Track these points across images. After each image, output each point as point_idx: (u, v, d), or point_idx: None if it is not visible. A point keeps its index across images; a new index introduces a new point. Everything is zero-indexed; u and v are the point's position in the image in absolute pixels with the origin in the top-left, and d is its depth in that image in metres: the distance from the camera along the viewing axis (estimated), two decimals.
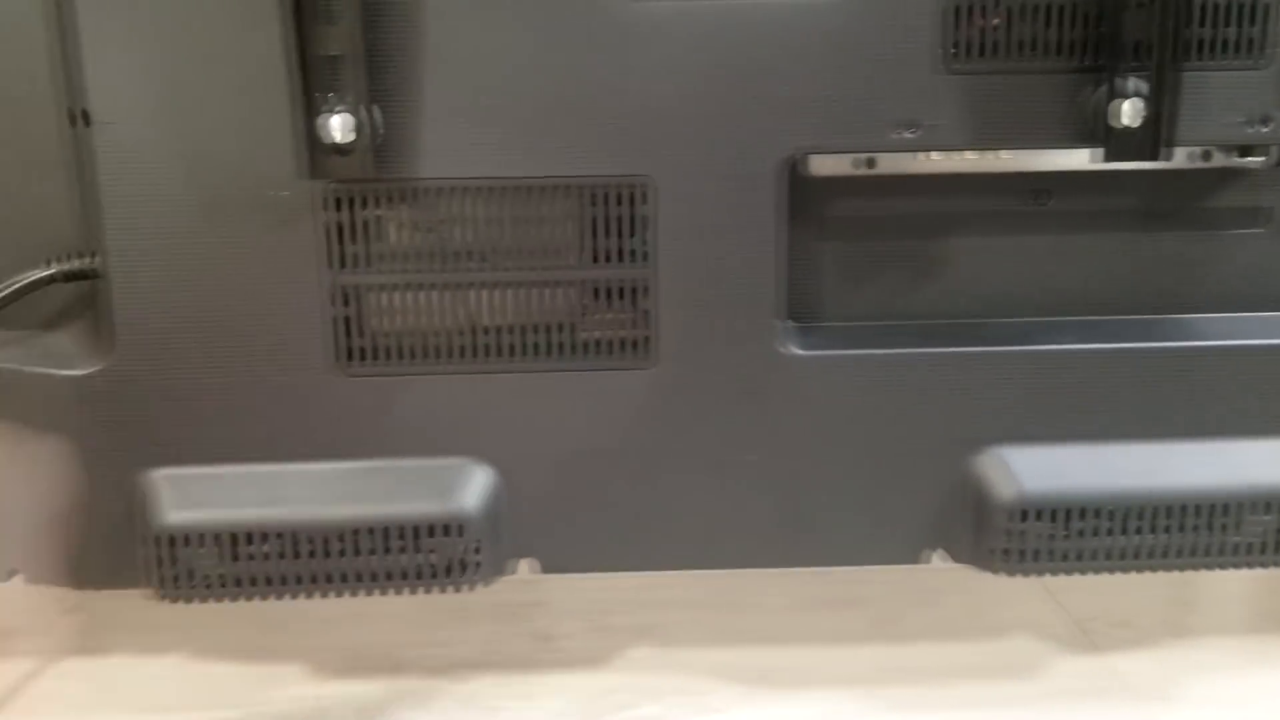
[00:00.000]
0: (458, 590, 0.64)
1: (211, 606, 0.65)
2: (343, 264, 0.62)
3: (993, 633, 0.78)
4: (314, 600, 0.65)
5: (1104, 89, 0.61)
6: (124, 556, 0.64)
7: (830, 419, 0.64)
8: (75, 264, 0.61)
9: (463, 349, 0.63)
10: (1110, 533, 0.65)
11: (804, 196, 0.64)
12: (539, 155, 0.60)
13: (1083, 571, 0.66)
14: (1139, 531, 0.65)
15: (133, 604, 0.77)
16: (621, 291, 0.63)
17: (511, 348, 0.63)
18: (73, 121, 0.61)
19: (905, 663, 0.74)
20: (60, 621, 0.80)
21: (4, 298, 0.60)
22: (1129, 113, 0.60)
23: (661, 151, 0.61)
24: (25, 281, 0.61)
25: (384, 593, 0.64)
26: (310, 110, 0.58)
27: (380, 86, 0.59)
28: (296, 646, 0.76)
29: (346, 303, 0.62)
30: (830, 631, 0.78)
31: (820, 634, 0.77)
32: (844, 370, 0.64)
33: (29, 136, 0.62)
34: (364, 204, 0.61)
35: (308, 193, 0.60)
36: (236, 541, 0.63)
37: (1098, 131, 0.61)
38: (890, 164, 0.64)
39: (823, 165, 0.64)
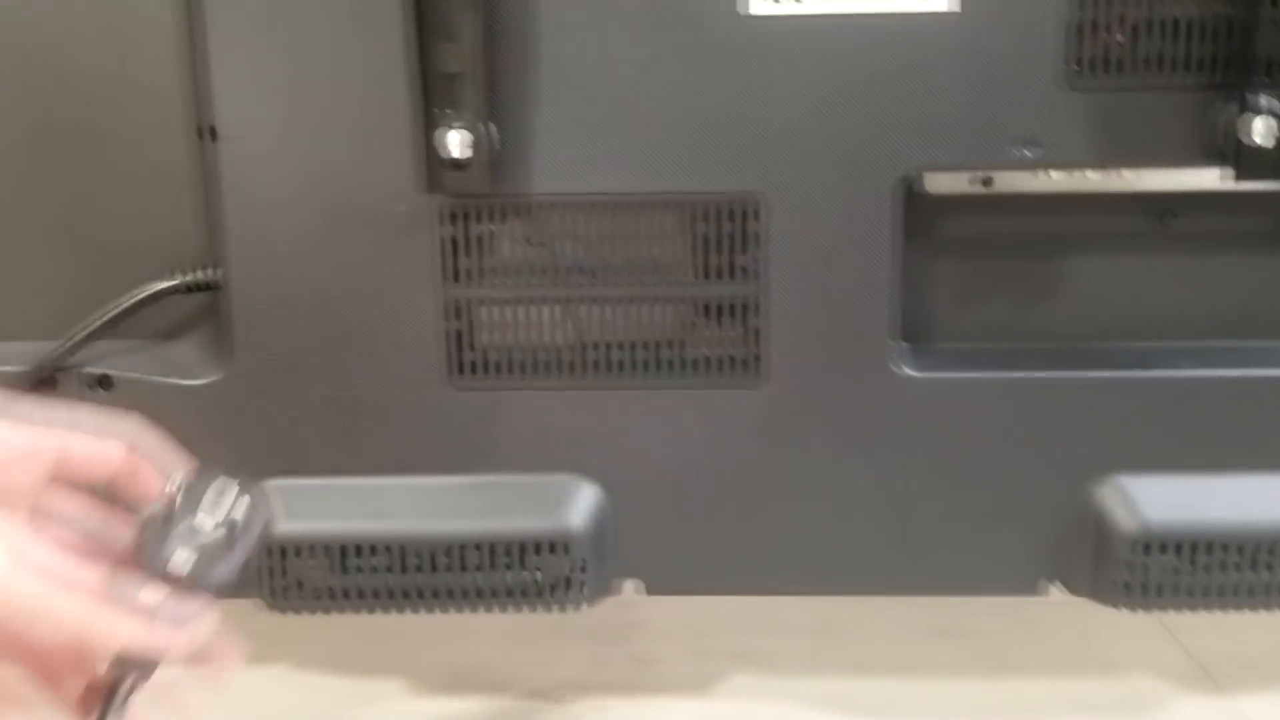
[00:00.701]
0: (563, 610, 0.64)
1: (316, 618, 0.65)
2: (456, 278, 0.62)
3: (1107, 669, 0.75)
4: (415, 615, 0.65)
5: (1234, 106, 0.59)
6: None
7: (944, 443, 0.63)
8: (197, 276, 0.62)
9: (571, 364, 0.63)
10: (1238, 568, 0.62)
11: (919, 214, 0.62)
12: (651, 171, 0.60)
13: (1208, 608, 0.63)
14: (1269, 568, 0.62)
15: (238, 613, 0.79)
16: (732, 309, 0.62)
17: (620, 364, 0.63)
18: (201, 137, 0.62)
19: (1014, 698, 0.72)
20: None
21: (128, 308, 0.62)
22: (1261, 131, 0.58)
23: (774, 167, 0.60)
24: (149, 292, 0.62)
25: (489, 610, 0.64)
26: (429, 126, 0.58)
27: (497, 103, 0.59)
28: (398, 661, 0.76)
29: (458, 316, 0.62)
30: (936, 663, 0.76)
31: (926, 665, 0.75)
32: (959, 394, 0.62)
33: (161, 152, 0.63)
34: (478, 218, 0.61)
35: (424, 207, 0.61)
36: (345, 554, 0.63)
37: (1227, 150, 0.59)
38: (1009, 182, 0.63)
39: (939, 183, 0.63)
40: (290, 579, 0.64)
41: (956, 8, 0.58)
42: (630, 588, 0.65)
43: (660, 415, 0.63)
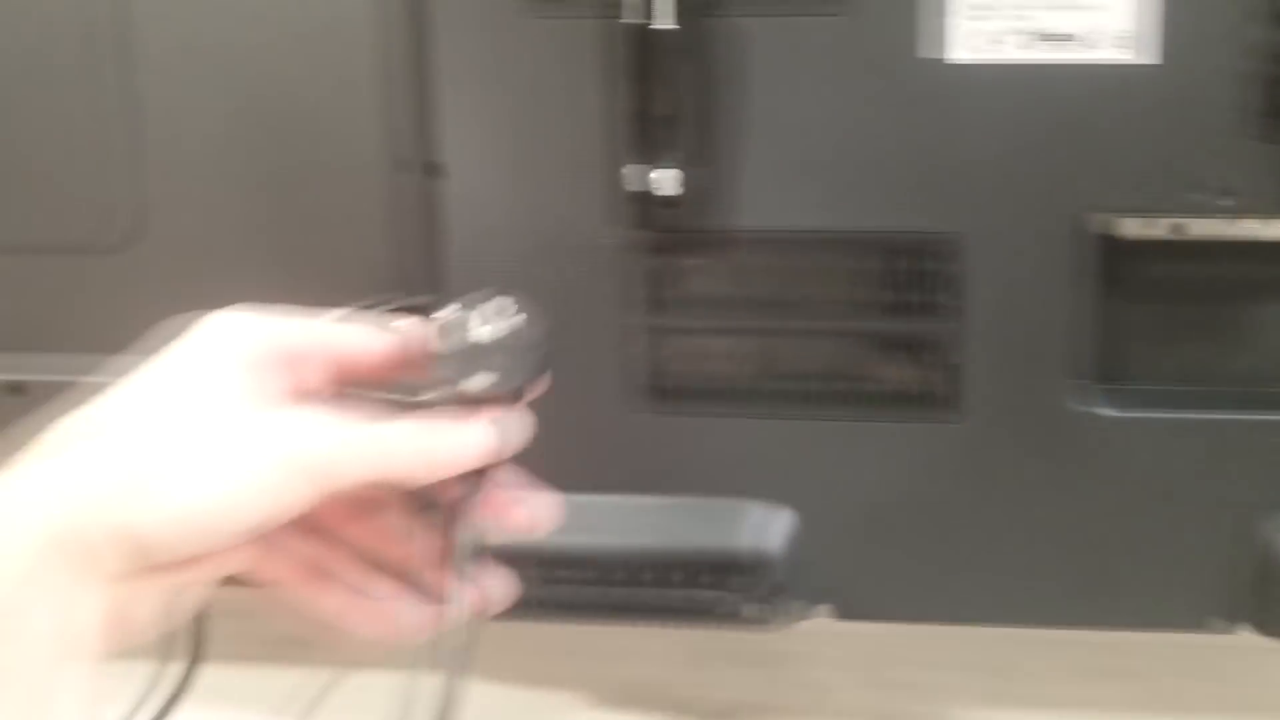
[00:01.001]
0: (753, 630, 0.66)
1: (498, 633, 0.68)
2: (654, 308, 0.65)
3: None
4: (589, 631, 0.67)
5: None
6: None
7: (1135, 481, 0.64)
8: (413, 299, 0.66)
9: (766, 394, 0.66)
10: None
11: (1114, 258, 0.64)
12: (850, 209, 0.63)
13: None
14: None
15: None
16: (928, 345, 0.64)
17: (815, 395, 0.65)
18: (403, 170, 0.66)
19: None
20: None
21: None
22: None
23: (973, 208, 0.62)
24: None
25: (684, 626, 0.66)
26: (641, 164, 0.62)
27: (704, 142, 0.62)
28: (579, 678, 0.78)
29: (655, 344, 0.65)
30: (1108, 702, 0.76)
31: (1098, 704, 0.76)
32: (1152, 433, 0.63)
33: (359, 183, 0.67)
34: (677, 252, 0.64)
35: (629, 240, 0.64)
36: (552, 566, 0.66)
37: None
38: (1203, 228, 0.64)
39: (1133, 227, 0.64)
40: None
41: (1157, 59, 0.60)
42: (817, 612, 0.67)
43: (854, 445, 0.65)
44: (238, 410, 0.40)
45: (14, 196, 0.69)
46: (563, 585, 0.67)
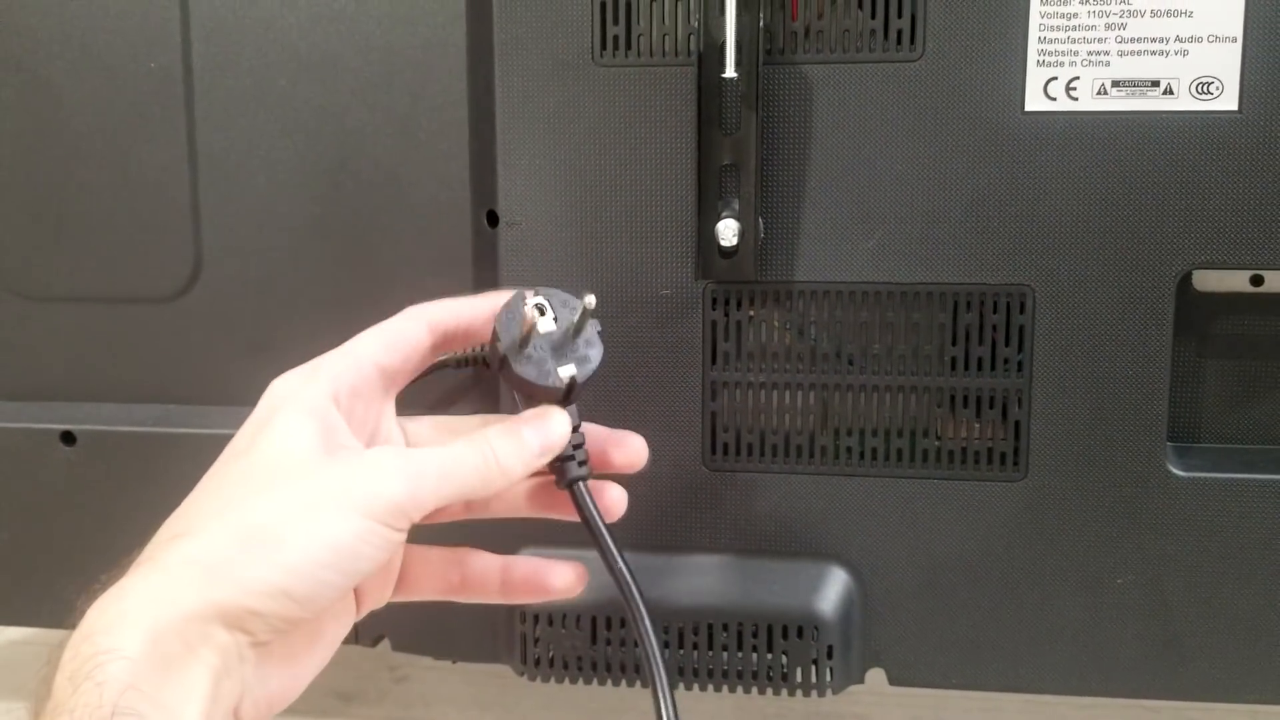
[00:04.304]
0: (806, 695, 0.64)
1: (534, 688, 0.66)
2: (714, 361, 0.64)
3: None
4: (632, 692, 0.65)
5: None
6: (490, 631, 0.67)
7: (1212, 545, 0.61)
8: (469, 352, 0.65)
9: (824, 450, 0.64)
10: None
11: (1189, 310, 0.62)
12: (916, 262, 0.61)
13: None
14: None
15: (459, 678, 0.81)
16: (992, 401, 0.62)
17: (874, 452, 0.63)
18: (462, 219, 0.65)
19: None
20: (393, 690, 0.84)
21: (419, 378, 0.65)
22: None
23: (1045, 261, 0.60)
24: (434, 363, 0.65)
25: (732, 690, 0.64)
26: (704, 215, 0.60)
27: (767, 192, 0.61)
28: None
29: (715, 398, 0.64)
30: None
31: None
32: (1229, 495, 0.61)
33: (413, 233, 0.66)
34: (739, 304, 0.63)
35: (689, 292, 0.63)
36: (598, 625, 0.64)
37: None
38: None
39: (1208, 281, 0.62)
40: (542, 647, 0.65)
41: (1233, 106, 0.58)
42: (872, 677, 0.65)
43: (913, 504, 0.63)
44: (309, 471, 0.43)
45: (69, 246, 0.69)
46: (613, 646, 0.65)
